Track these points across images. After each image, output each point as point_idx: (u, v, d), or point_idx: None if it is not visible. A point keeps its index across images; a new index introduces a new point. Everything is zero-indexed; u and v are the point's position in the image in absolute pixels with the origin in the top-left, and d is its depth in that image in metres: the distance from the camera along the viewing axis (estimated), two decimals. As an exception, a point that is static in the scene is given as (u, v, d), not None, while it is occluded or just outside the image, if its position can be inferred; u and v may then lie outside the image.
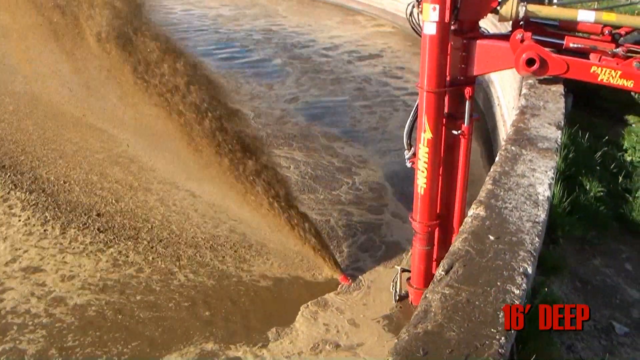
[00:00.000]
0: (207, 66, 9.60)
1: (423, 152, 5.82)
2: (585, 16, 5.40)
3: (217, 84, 8.93)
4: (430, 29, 5.27)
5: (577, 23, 5.54)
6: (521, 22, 5.52)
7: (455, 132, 5.97)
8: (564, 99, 5.75)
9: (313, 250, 7.86)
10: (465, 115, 5.86)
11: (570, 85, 6.13)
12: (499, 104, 12.14)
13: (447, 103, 5.87)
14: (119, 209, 9.37)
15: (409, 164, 6.32)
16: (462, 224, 3.51)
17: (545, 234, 3.75)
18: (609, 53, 5.34)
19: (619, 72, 5.17)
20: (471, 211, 3.58)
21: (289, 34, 22.08)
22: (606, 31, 5.53)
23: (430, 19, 5.22)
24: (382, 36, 21.90)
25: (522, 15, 5.33)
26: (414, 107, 5.97)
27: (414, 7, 5.63)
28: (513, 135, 4.78)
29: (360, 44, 20.82)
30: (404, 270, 7.02)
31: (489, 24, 7.84)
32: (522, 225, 3.39)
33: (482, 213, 3.52)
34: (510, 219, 3.46)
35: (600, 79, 5.24)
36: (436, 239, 6.51)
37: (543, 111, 5.37)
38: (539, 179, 4.00)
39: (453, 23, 5.44)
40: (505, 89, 11.44)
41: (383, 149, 12.13)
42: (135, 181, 10.09)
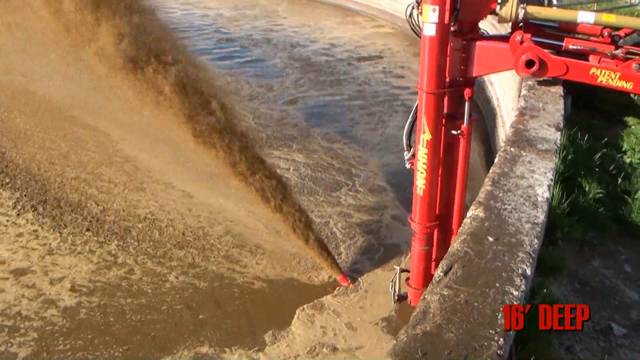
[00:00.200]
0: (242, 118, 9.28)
1: (422, 153, 5.82)
2: (585, 18, 5.40)
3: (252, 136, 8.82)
4: (429, 30, 5.27)
5: (576, 24, 5.55)
6: (521, 24, 5.52)
7: (455, 132, 5.98)
8: (563, 101, 5.75)
9: (314, 250, 7.83)
10: (464, 115, 5.87)
11: (569, 87, 6.13)
12: (498, 105, 12.16)
13: (446, 104, 5.87)
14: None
15: (408, 165, 6.31)
16: (461, 225, 3.51)
17: (544, 235, 3.74)
18: (608, 55, 5.34)
19: (618, 74, 5.17)
20: (470, 212, 3.58)
21: (288, 34, 22.09)
22: (606, 33, 5.54)
23: (430, 20, 5.22)
24: (381, 37, 21.92)
25: (522, 16, 5.33)
26: (414, 108, 5.97)
27: (413, 8, 5.62)
28: (512, 137, 4.78)
29: (360, 44, 20.84)
30: (403, 271, 7.02)
31: (488, 25, 7.85)
32: (521, 227, 3.39)
33: (481, 214, 3.52)
34: (510, 220, 3.46)
35: (599, 80, 5.25)
36: (435, 240, 6.51)
37: (542, 112, 5.37)
38: (538, 180, 4.00)
39: (453, 24, 5.44)
40: (504, 90, 11.45)
41: (383, 150, 12.12)
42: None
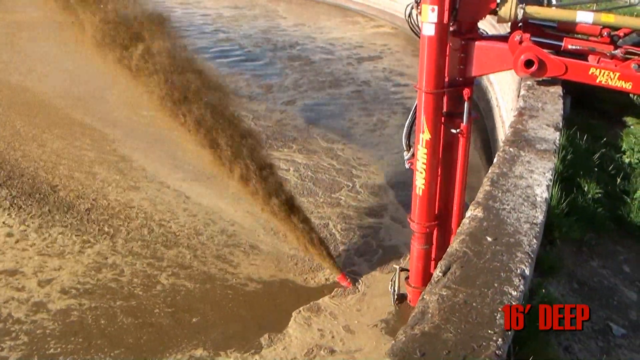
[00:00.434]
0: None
1: (421, 153, 5.81)
2: (584, 17, 5.39)
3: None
4: (428, 30, 5.26)
5: (575, 24, 5.53)
6: (520, 24, 5.52)
7: (454, 131, 5.97)
8: (562, 101, 5.75)
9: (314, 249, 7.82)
10: (464, 114, 5.86)
11: (568, 87, 6.13)
12: (497, 105, 12.16)
13: (445, 103, 5.87)
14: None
15: (407, 165, 6.31)
16: (460, 225, 3.51)
17: (543, 235, 3.74)
18: (607, 55, 5.33)
19: (617, 74, 5.15)
20: (469, 212, 3.58)
21: (288, 34, 22.09)
22: (605, 33, 5.52)
23: (429, 20, 5.21)
24: (381, 37, 21.92)
25: (521, 16, 5.32)
26: (413, 108, 5.96)
27: (412, 8, 5.62)
28: (511, 137, 4.78)
29: (359, 44, 20.84)
30: (402, 270, 7.01)
31: (487, 25, 7.85)
32: (519, 227, 3.39)
33: (479, 214, 3.52)
34: (508, 220, 3.46)
35: (598, 80, 5.23)
36: (435, 239, 6.50)
37: (541, 112, 5.37)
38: (537, 180, 4.00)
39: (452, 24, 5.43)
40: (504, 90, 11.45)
41: (383, 150, 12.11)
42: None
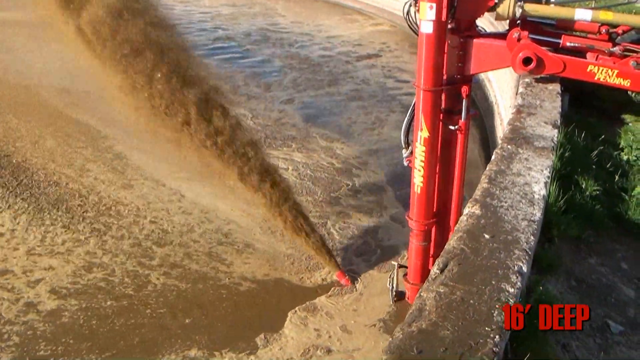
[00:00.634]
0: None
1: (420, 150, 5.81)
2: (583, 15, 5.39)
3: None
4: (427, 27, 5.26)
5: (574, 22, 5.54)
6: (518, 21, 5.52)
7: (452, 127, 5.97)
8: (560, 98, 5.75)
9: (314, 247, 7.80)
10: (462, 111, 5.85)
11: (567, 85, 6.12)
12: (496, 103, 12.16)
13: (444, 101, 5.86)
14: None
15: (406, 163, 6.31)
16: (458, 223, 3.50)
17: (541, 232, 3.74)
18: (605, 52, 5.34)
19: (615, 71, 5.16)
20: (466, 209, 3.58)
21: (287, 33, 22.06)
22: (603, 30, 5.54)
23: (427, 18, 5.21)
24: (380, 35, 21.90)
25: (519, 14, 5.32)
26: (411, 106, 5.96)
27: (411, 5, 5.61)
28: (509, 134, 4.77)
29: (358, 42, 20.81)
30: (401, 266, 7.02)
31: (486, 22, 7.85)
32: (517, 224, 3.39)
33: (477, 211, 3.52)
34: (506, 217, 3.46)
35: (597, 78, 5.23)
36: (433, 237, 6.51)
37: (539, 110, 5.37)
38: (534, 177, 4.00)
39: (450, 22, 5.42)
40: (502, 87, 11.45)
41: (382, 149, 12.06)
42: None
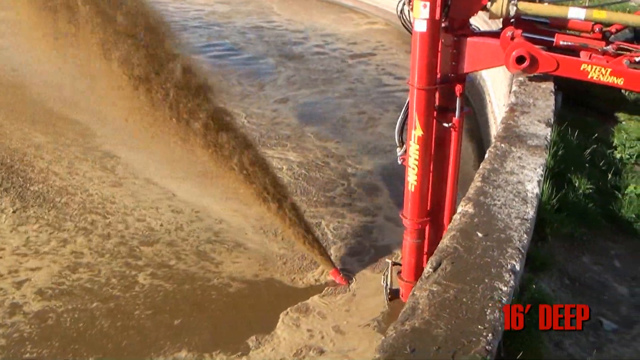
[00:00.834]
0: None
1: (414, 149, 5.81)
2: (576, 14, 5.41)
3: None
4: (420, 26, 5.25)
5: (567, 21, 5.55)
6: (512, 20, 5.52)
7: (446, 124, 5.97)
8: (554, 97, 5.76)
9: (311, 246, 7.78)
10: (456, 108, 5.86)
11: (560, 83, 6.13)
12: (490, 101, 12.18)
13: (437, 100, 5.86)
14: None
15: (400, 161, 6.31)
16: (451, 221, 3.50)
17: (534, 231, 3.75)
18: (599, 51, 5.35)
19: (609, 70, 5.17)
20: (460, 208, 3.58)
21: (281, 31, 21.99)
22: (597, 29, 5.55)
23: (421, 17, 5.20)
24: (374, 33, 21.86)
25: (513, 12, 5.33)
26: (405, 105, 5.96)
27: (404, 4, 5.61)
28: (502, 133, 4.78)
29: (353, 41, 20.77)
30: (395, 264, 7.02)
31: (480, 21, 7.85)
32: (510, 222, 3.39)
33: (470, 210, 3.52)
34: (499, 216, 3.46)
35: (590, 76, 5.25)
36: (427, 235, 6.51)
37: (533, 108, 5.38)
38: (528, 176, 4.01)
39: (444, 20, 5.42)
40: (496, 86, 11.47)
41: (376, 148, 12.04)
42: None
